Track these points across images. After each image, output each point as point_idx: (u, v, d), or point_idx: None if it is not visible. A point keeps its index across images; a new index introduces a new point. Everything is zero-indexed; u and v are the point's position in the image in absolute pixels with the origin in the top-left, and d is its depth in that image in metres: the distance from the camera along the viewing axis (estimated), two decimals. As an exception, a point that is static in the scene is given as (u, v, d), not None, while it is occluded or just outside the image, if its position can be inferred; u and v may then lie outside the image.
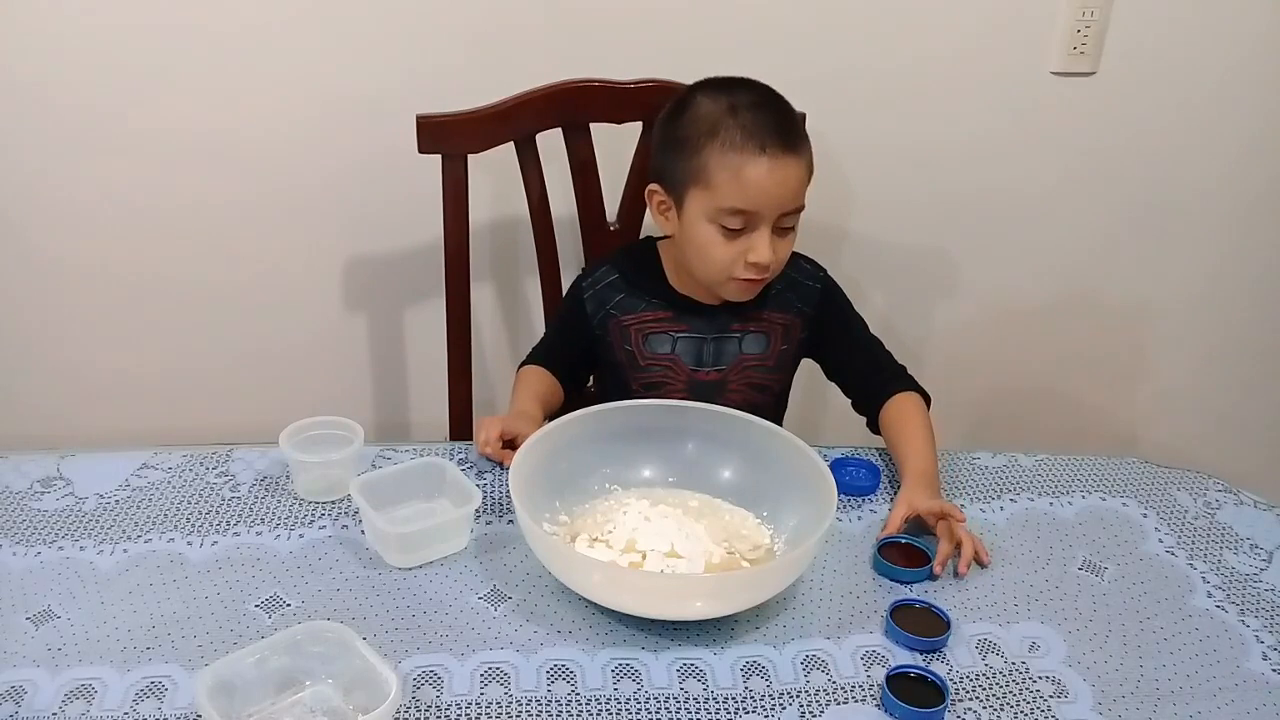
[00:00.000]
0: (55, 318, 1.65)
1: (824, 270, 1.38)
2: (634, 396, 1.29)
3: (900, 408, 1.30)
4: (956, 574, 1.12)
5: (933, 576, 1.11)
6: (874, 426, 1.33)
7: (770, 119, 1.20)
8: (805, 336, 1.36)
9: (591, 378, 1.48)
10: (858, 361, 1.36)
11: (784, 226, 1.24)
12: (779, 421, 1.39)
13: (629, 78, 1.43)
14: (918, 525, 1.16)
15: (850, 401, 1.37)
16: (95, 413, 1.71)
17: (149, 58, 1.49)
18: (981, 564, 1.14)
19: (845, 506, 1.21)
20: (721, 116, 1.20)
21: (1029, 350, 1.89)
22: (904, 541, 1.14)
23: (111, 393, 1.71)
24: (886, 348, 1.37)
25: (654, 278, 1.35)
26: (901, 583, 1.10)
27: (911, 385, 1.33)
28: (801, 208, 1.24)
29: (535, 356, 1.40)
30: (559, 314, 1.46)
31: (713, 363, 1.33)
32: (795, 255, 1.34)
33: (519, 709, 0.93)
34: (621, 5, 1.55)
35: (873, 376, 1.34)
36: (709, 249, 1.24)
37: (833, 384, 1.39)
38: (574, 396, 1.39)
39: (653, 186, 1.29)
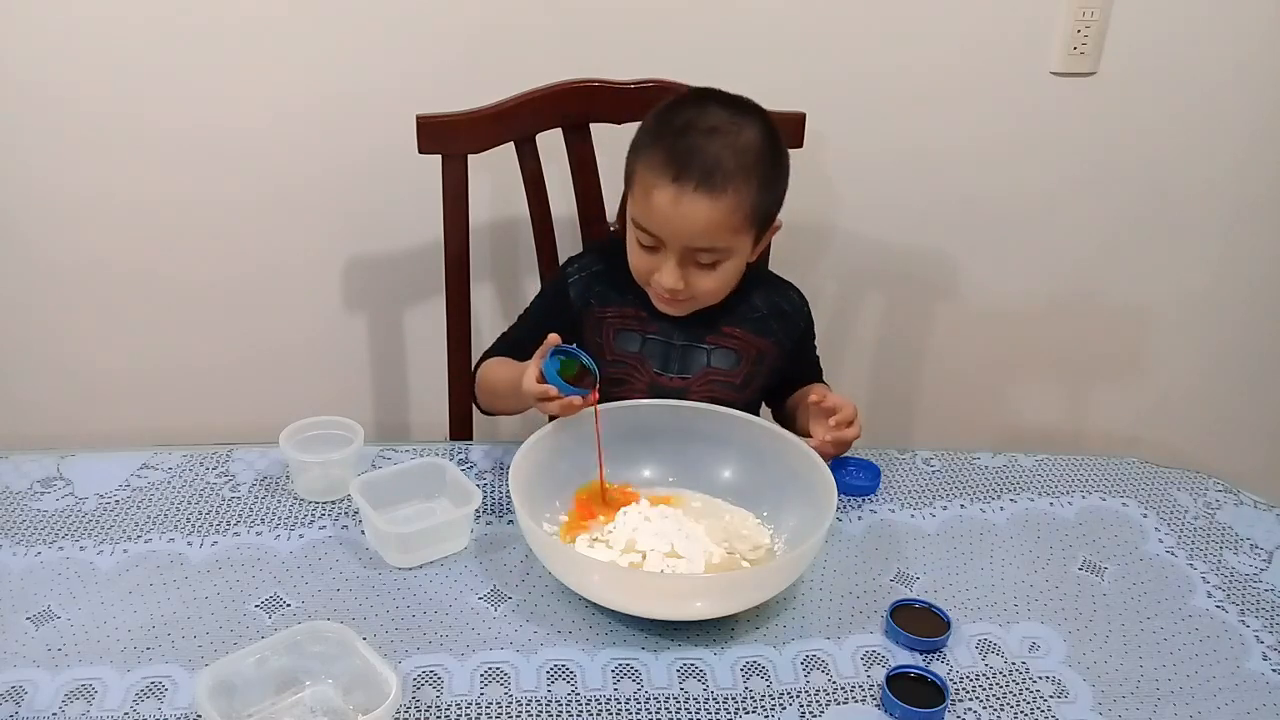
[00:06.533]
0: (55, 318, 1.65)
1: (806, 302, 1.37)
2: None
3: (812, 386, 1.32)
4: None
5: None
6: (779, 414, 1.38)
7: (708, 152, 1.14)
8: (780, 367, 1.34)
9: None
10: (802, 376, 1.37)
11: (702, 262, 1.18)
12: None
13: (629, 78, 1.43)
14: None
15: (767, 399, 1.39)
16: (95, 413, 1.71)
17: (149, 57, 1.49)
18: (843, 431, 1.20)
19: (845, 506, 1.21)
20: (669, 134, 1.16)
21: (1029, 350, 1.89)
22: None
23: (111, 393, 1.71)
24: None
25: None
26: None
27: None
28: (723, 250, 1.18)
29: (499, 350, 1.33)
30: (539, 303, 1.39)
31: (678, 370, 1.29)
32: (788, 286, 1.34)
33: (519, 709, 0.93)
34: (621, 5, 1.55)
35: (805, 382, 1.36)
36: (632, 254, 1.24)
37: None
38: None
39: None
